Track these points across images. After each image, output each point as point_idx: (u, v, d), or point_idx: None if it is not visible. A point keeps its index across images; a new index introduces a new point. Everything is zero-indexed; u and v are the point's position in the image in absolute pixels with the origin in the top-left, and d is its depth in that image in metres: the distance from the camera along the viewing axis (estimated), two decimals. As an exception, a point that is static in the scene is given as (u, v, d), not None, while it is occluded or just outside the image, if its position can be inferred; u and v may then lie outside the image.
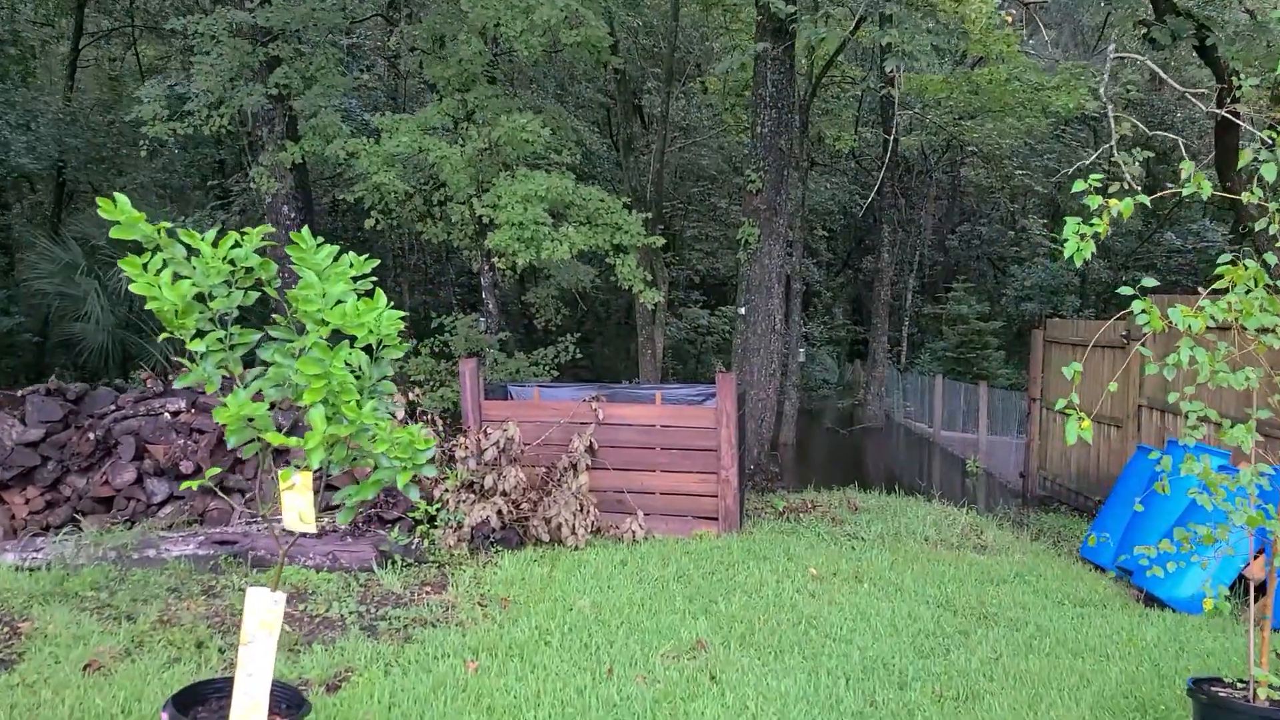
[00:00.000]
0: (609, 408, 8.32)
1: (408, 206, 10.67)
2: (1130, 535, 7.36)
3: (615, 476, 8.29)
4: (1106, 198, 3.86)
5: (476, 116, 9.97)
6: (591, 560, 6.89)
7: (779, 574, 6.75)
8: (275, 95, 10.06)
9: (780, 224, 11.89)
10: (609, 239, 9.94)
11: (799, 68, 18.37)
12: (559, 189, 9.41)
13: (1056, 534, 9.50)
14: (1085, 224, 3.86)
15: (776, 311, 11.99)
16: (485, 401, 8.43)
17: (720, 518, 8.18)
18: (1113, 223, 3.97)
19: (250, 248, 3.29)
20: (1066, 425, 3.74)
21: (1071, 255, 3.84)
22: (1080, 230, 3.84)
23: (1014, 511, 11.11)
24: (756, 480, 11.98)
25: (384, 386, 3.40)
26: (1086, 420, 3.67)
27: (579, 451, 8.04)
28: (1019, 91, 18.73)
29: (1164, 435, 9.14)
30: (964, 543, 8.22)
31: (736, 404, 8.54)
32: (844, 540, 8.05)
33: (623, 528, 7.78)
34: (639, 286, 10.14)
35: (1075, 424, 3.69)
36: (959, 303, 24.01)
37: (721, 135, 23.89)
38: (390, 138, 9.29)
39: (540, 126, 9.38)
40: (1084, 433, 3.68)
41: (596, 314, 27.99)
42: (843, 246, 32.46)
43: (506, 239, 9.11)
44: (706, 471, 8.22)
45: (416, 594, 5.88)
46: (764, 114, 11.66)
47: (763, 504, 9.62)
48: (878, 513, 9.06)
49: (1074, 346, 11.09)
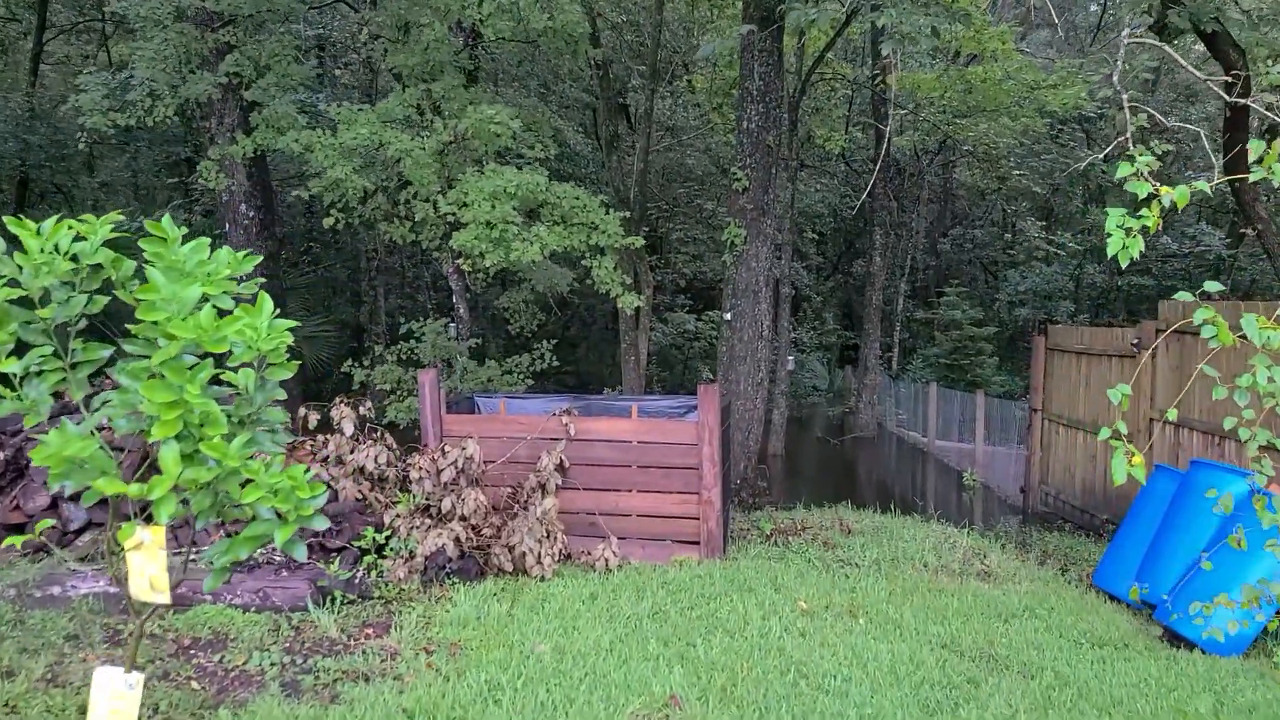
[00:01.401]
0: (581, 422, 7.65)
1: (371, 204, 9.98)
2: (1150, 564, 6.72)
3: (588, 497, 7.63)
4: (1157, 186, 3.19)
5: (443, 108, 9.29)
6: (558, 594, 6.22)
7: (765, 609, 6.08)
8: (226, 85, 9.37)
9: (767, 225, 11.25)
10: (585, 239, 9.28)
11: (788, 65, 17.76)
12: (530, 185, 8.74)
13: (1064, 556, 8.87)
14: (1131, 216, 3.19)
15: (764, 317, 11.34)
16: (447, 415, 7.76)
17: (702, 542, 7.52)
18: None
19: (97, 240, 2.61)
20: (1113, 461, 3.08)
21: (1116, 254, 3.17)
22: (1125, 224, 3.18)
23: (1015, 530, 10.48)
24: (743, 496, 11.33)
25: (269, 415, 2.71)
26: (1138, 456, 3.01)
27: (548, 470, 7.37)
28: (1014, 90, 18.16)
29: (1178, 451, 8.52)
30: (966, 569, 7.57)
31: (720, 417, 7.88)
32: (836, 567, 7.39)
33: (595, 554, 7.10)
34: (617, 290, 9.48)
35: (1123, 459, 3.02)
36: (952, 308, 23.42)
37: (709, 135, 23.26)
38: (347, 129, 8.60)
39: (511, 118, 8.70)
40: (1135, 470, 3.01)
41: (581, 319, 27.32)
42: (833, 250, 31.88)
43: (473, 238, 8.44)
44: (687, 492, 7.57)
45: (355, 638, 5.19)
46: (750, 108, 11.02)
47: (749, 524, 8.96)
48: (872, 535, 8.41)
49: (1078, 355, 10.47)
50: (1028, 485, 11.64)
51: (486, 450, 7.62)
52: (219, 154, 9.41)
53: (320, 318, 19.33)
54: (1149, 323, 8.92)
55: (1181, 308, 8.56)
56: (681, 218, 23.81)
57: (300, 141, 8.57)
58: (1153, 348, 8.87)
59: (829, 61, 19.51)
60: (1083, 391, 10.37)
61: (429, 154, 8.85)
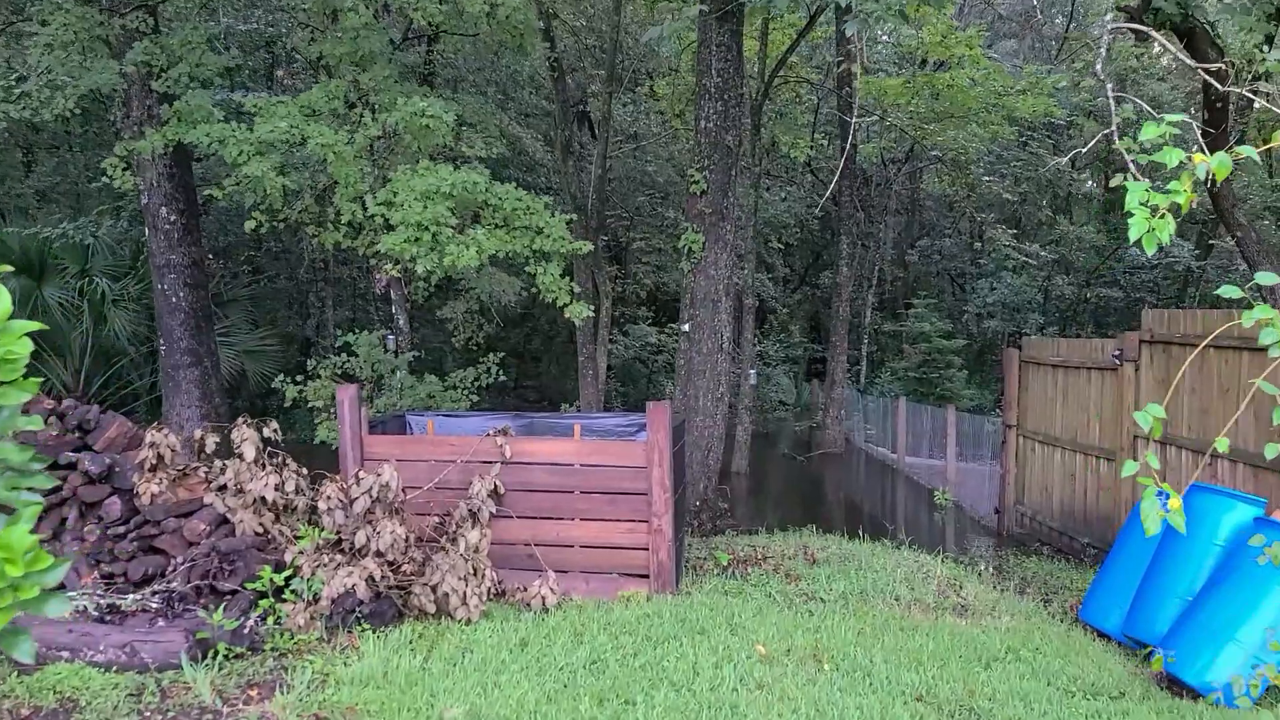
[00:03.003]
0: (518, 444, 6.92)
1: (297, 206, 9.22)
2: (1144, 599, 6.08)
3: (525, 527, 6.89)
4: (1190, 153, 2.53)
5: (373, 101, 8.56)
6: (483, 641, 5.47)
7: (719, 655, 5.37)
8: (134, 75, 8.58)
9: (727, 230, 10.59)
10: (528, 244, 8.55)
11: (752, 70, 17.19)
12: (467, 185, 8.02)
13: (1043, 584, 8.25)
14: (1157, 192, 2.53)
15: (724, 328, 10.67)
16: (370, 436, 7.00)
17: (652, 575, 6.81)
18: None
19: None
20: (1143, 505, 2.39)
21: (1140, 239, 2.50)
22: (1152, 200, 2.51)
23: (991, 553, 9.86)
24: (702, 519, 10.63)
25: (2, 454, 1.97)
26: (1176, 499, 2.33)
27: (480, 497, 6.64)
28: (982, 96, 17.69)
29: (1165, 472, 7.92)
30: (941, 603, 6.91)
31: (673, 436, 7.19)
32: (800, 603, 6.70)
33: (531, 591, 6.36)
34: (564, 298, 8.77)
35: (1154, 504, 2.34)
36: (920, 320, 22.92)
37: (672, 143, 22.66)
38: (265, 122, 7.84)
39: (445, 112, 7.98)
40: (1174, 519, 2.33)
41: (543, 332, 26.55)
42: (800, 262, 31.37)
43: (402, 242, 7.70)
44: (635, 520, 6.85)
45: (233, 703, 4.42)
46: (708, 106, 10.38)
47: (707, 551, 8.25)
48: (839, 564, 7.73)
49: (1055, 368, 9.89)
50: (1002, 506, 11.03)
51: (413, 475, 6.88)
52: (124, 150, 8.60)
53: (264, 331, 18.49)
54: (1131, 333, 8.35)
55: (1166, 317, 7.99)
56: (644, 227, 23.17)
57: (211, 135, 7.79)
58: (1137, 360, 8.30)
59: (793, 65, 18.97)
60: (1060, 406, 9.79)
61: (356, 149, 8.11)
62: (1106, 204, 28.32)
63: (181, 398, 10.84)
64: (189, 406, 10.89)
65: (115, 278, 15.19)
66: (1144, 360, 8.22)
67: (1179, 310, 7.88)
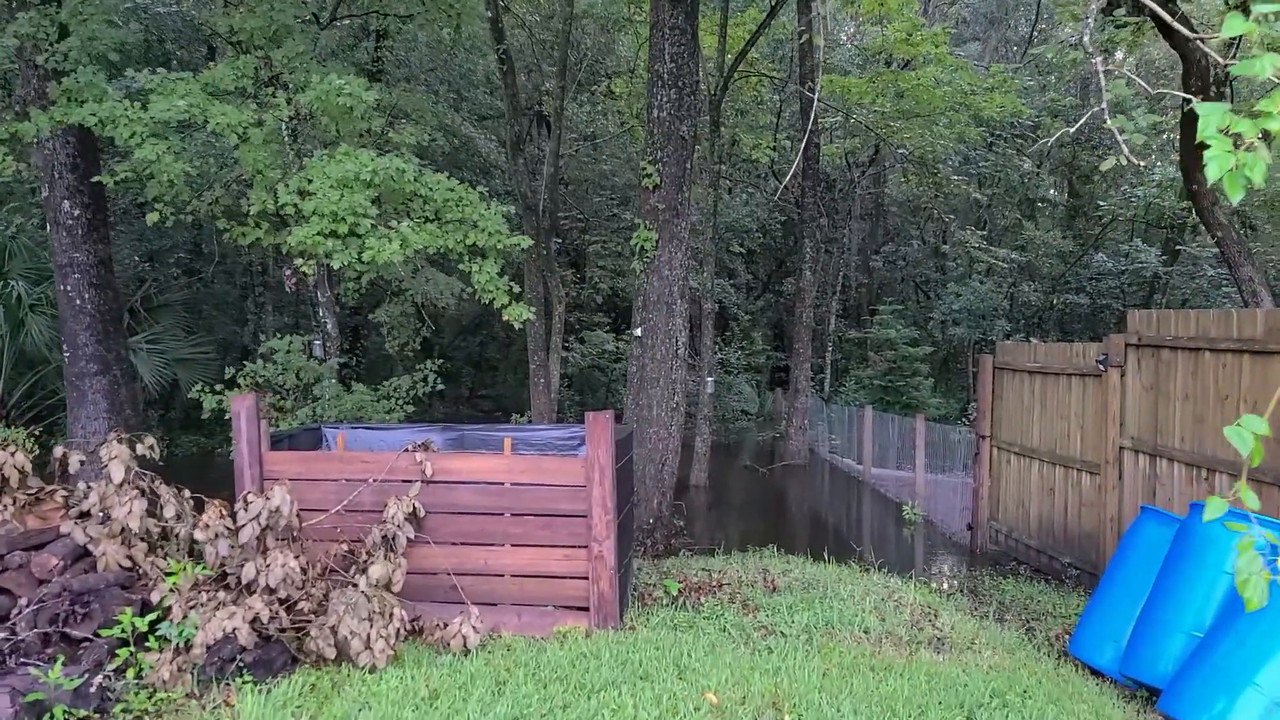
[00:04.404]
0: (441, 460, 6.12)
1: (207, 198, 8.36)
2: (1144, 634, 5.40)
3: (448, 554, 6.10)
4: None
5: (288, 80, 7.74)
6: (386, 694, 4.66)
7: (663, 707, 4.62)
8: (19, 49, 7.70)
9: (682, 227, 9.86)
10: (461, 239, 7.76)
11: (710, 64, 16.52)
12: (391, 172, 7.21)
13: (1024, 609, 7.56)
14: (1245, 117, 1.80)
15: (679, 332, 9.92)
16: (271, 453, 6.17)
17: (592, 608, 6.03)
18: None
19: None
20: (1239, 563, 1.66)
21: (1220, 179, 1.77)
22: (1234, 127, 1.78)
23: (965, 574, 9.19)
24: (656, 538, 9.86)
25: None
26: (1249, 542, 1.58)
27: (395, 521, 5.83)
28: (948, 96, 17.15)
29: (1154, 486, 7.28)
30: (916, 636, 6.19)
31: (620, 449, 6.44)
32: (758, 639, 5.94)
33: (451, 629, 5.55)
34: (502, 299, 7.98)
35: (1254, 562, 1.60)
36: (885, 327, 22.36)
37: (629, 145, 21.96)
38: (161, 100, 6.99)
39: (364, 90, 7.18)
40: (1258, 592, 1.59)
41: (498, 339, 25.70)
42: (763, 269, 30.78)
43: (315, 234, 6.87)
44: (574, 545, 6.08)
45: (58, 786, 3.58)
46: (662, 94, 9.65)
47: (657, 576, 7.48)
48: (802, 592, 6.98)
49: (1032, 374, 9.25)
50: (975, 522, 10.37)
51: (321, 496, 6.06)
52: (5, 132, 7.70)
53: (199, 338, 17.48)
54: (1117, 336, 7.71)
55: (1156, 318, 7.36)
56: (601, 230, 22.41)
57: (99, 114, 6.91)
58: (1123, 365, 7.67)
59: (754, 62, 18.33)
60: (1038, 415, 9.15)
61: (266, 133, 7.28)
62: (1070, 210, 28.03)
63: (87, 409, 9.90)
64: (95, 419, 9.96)
65: (35, 281, 14.20)
66: (1130, 365, 7.59)
67: (1169, 311, 7.25)
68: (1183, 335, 6.91)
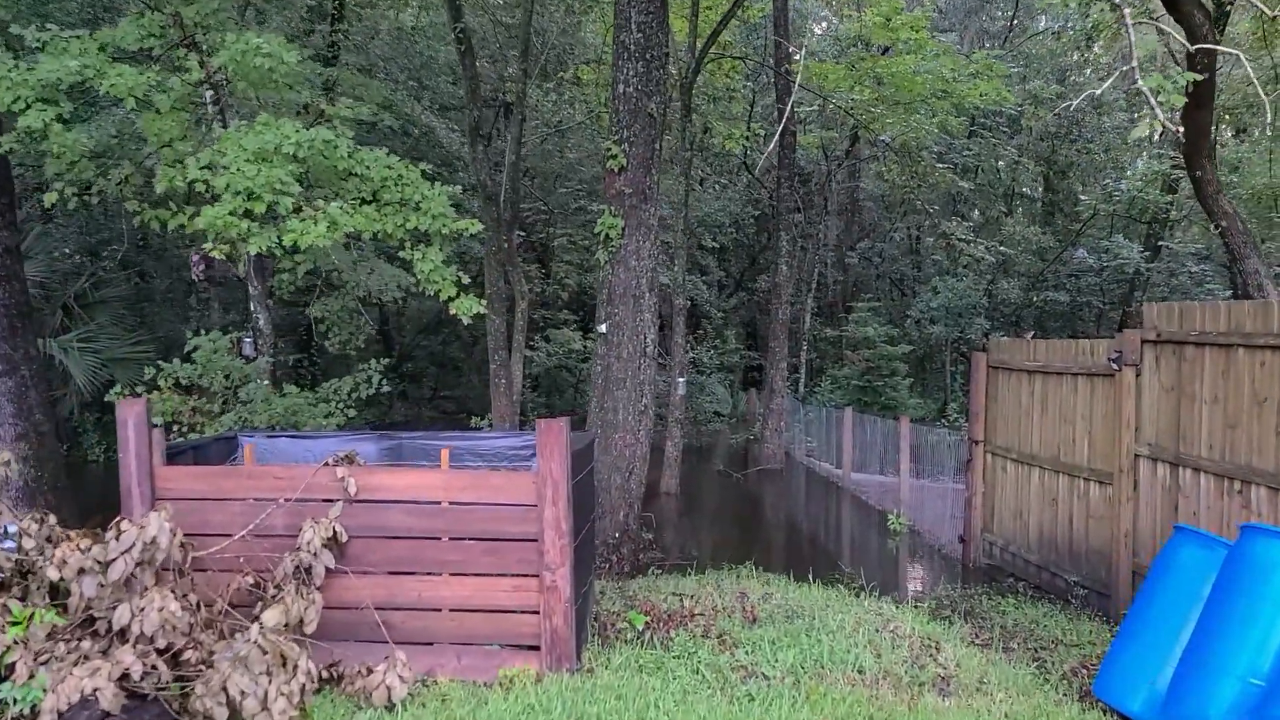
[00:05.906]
0: (367, 475, 5.25)
1: (114, 176, 7.42)
2: (1188, 676, 4.61)
3: (376, 585, 5.22)
4: None
5: (202, 42, 6.81)
6: (282, 770, 3.79)
7: (623, 780, 3.77)
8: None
9: (650, 214, 9.02)
10: (402, 223, 6.88)
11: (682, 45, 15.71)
12: (319, 145, 6.32)
13: (1030, 635, 6.77)
14: None
15: (648, 329, 9.09)
16: (166, 468, 5.26)
17: (544, 647, 5.18)
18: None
19: None
20: None
21: None
22: None
23: (959, 590, 8.41)
24: (622, 553, 9.02)
25: None
26: None
27: (312, 548, 4.96)
28: (929, 83, 16.41)
29: (1177, 499, 6.52)
30: (917, 675, 5.38)
31: (579, 459, 5.61)
32: (737, 682, 5.11)
33: (374, 679, 4.68)
34: (448, 290, 7.10)
35: None
36: (863, 325, 21.63)
37: (596, 136, 21.09)
38: (50, 61, 6.05)
39: (286, 51, 6.28)
40: None
41: (462, 337, 24.70)
42: (736, 267, 29.99)
43: (227, 214, 5.97)
44: (523, 574, 5.23)
45: None
46: (628, 67, 8.81)
47: (622, 603, 6.63)
48: (785, 622, 6.16)
49: (1032, 374, 8.49)
50: (968, 534, 9.61)
51: (226, 519, 5.16)
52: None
53: (138, 336, 16.41)
54: (1131, 332, 6.95)
55: (1178, 311, 6.60)
56: (567, 223, 21.51)
57: (-28, 75, 5.97)
58: (1139, 363, 6.92)
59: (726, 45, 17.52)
60: (1038, 419, 8.39)
61: (173, 99, 6.36)
62: (1048, 205, 27.47)
63: (-10, 414, 8.90)
64: (1, 424, 8.96)
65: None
66: (1148, 363, 6.83)
67: (1192, 304, 6.50)
68: (1211, 330, 6.16)
